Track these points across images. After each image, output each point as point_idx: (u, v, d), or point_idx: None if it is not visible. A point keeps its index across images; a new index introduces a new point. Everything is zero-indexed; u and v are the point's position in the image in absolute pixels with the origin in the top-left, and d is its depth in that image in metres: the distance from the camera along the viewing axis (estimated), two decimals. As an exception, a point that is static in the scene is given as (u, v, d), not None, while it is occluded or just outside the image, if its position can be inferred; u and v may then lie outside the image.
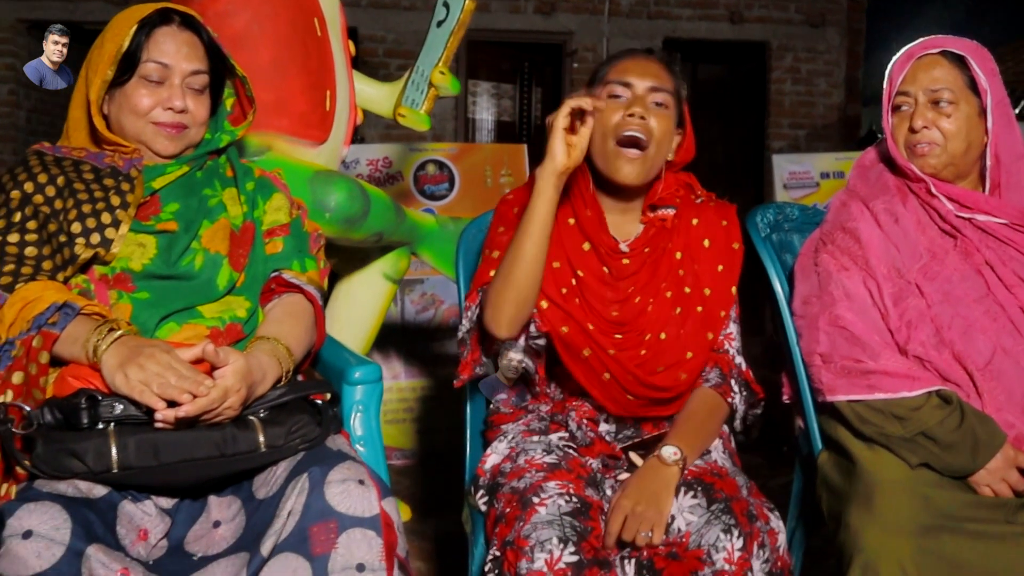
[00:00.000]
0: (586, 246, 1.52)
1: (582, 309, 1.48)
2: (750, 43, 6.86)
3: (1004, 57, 6.11)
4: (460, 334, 1.53)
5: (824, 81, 6.83)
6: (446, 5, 2.18)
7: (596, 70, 1.57)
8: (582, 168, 1.55)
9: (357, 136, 6.09)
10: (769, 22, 6.78)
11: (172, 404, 1.15)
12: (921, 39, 1.57)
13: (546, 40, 6.66)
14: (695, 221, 1.57)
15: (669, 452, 1.35)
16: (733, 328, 1.56)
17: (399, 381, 3.33)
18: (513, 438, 1.48)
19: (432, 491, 2.88)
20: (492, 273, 1.47)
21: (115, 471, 1.14)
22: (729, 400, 1.51)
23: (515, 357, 1.46)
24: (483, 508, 1.43)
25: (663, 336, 1.49)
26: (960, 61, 1.52)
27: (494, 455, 1.48)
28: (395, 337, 3.30)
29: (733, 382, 1.52)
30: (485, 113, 6.98)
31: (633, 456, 1.42)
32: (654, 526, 1.26)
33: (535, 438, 1.45)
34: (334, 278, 2.30)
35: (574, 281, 1.50)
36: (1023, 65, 5.99)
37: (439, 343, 3.34)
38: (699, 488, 1.31)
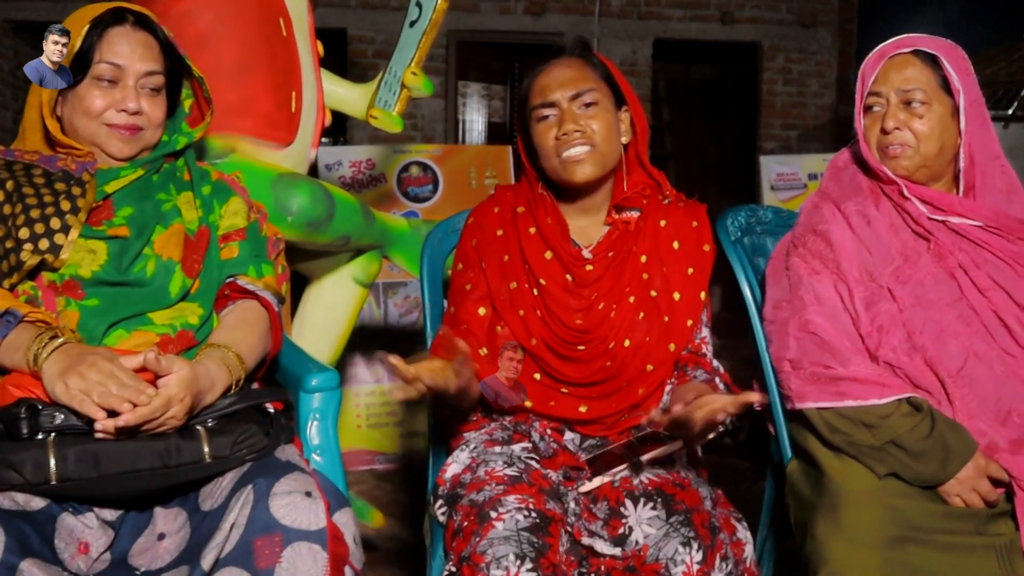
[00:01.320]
0: (548, 255, 1.50)
1: (543, 324, 1.46)
2: (741, 44, 6.84)
3: (996, 57, 6.08)
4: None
5: (816, 82, 6.81)
6: (419, 5, 2.14)
7: (523, 96, 1.53)
8: (537, 179, 1.54)
9: (341, 138, 6.06)
10: (760, 23, 6.76)
11: (114, 414, 1.12)
12: (893, 38, 1.54)
13: (536, 41, 6.63)
14: (663, 223, 1.53)
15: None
16: (706, 332, 1.53)
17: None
18: (475, 448, 1.44)
19: (414, 495, 2.85)
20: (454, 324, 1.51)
21: (53, 483, 1.11)
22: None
23: (515, 356, 1.44)
24: (442, 519, 1.40)
25: (627, 343, 1.46)
26: (933, 60, 1.49)
27: (455, 464, 1.44)
28: (378, 340, 3.27)
29: (718, 379, 1.49)
30: (475, 114, 6.94)
31: (587, 484, 1.38)
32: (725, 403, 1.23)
33: (497, 448, 1.42)
34: (304, 282, 2.27)
35: (536, 291, 1.48)
36: (1015, 65, 5.95)
37: (423, 347, 3.30)
38: (659, 499, 1.28)
